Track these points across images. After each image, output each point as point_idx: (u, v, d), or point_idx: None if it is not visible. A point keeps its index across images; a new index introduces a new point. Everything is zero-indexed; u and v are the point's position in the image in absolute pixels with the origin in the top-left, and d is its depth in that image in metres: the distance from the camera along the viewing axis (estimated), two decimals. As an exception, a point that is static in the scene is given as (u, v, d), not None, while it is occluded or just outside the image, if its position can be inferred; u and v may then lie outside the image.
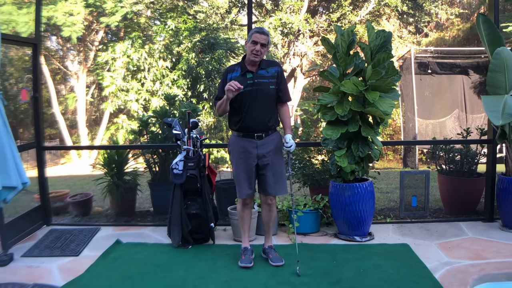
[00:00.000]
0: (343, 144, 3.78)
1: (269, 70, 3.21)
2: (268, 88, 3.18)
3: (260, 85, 3.16)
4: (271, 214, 3.35)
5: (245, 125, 3.19)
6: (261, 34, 3.10)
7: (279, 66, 3.29)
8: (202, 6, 13.50)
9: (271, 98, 3.21)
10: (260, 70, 3.19)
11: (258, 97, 3.15)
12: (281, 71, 3.27)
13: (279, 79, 3.23)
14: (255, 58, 3.12)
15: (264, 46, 3.11)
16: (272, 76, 3.20)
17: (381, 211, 4.86)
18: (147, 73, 10.41)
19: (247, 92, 3.12)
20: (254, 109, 3.15)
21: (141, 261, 3.40)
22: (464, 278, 2.90)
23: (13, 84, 13.63)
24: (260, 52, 3.11)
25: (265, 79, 3.17)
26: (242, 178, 3.24)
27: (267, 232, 3.43)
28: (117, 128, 10.98)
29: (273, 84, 3.19)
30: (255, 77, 3.16)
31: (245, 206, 3.34)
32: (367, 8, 13.02)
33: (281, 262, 3.22)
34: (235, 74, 3.19)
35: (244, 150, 3.22)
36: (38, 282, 3.02)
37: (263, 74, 3.18)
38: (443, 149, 4.88)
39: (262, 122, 3.19)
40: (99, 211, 5.34)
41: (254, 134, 3.19)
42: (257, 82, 3.16)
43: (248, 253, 3.30)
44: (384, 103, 3.57)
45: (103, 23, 12.24)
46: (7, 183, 3.13)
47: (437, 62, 10.96)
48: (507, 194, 3.84)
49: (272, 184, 3.23)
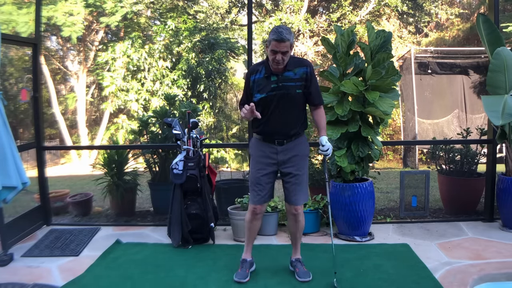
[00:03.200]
0: (343, 144, 3.78)
1: (296, 71, 2.85)
2: (294, 92, 2.85)
3: (285, 89, 2.83)
4: (298, 225, 3.06)
5: (266, 130, 2.93)
6: (280, 42, 2.69)
7: (309, 66, 2.89)
8: (202, 6, 13.51)
9: (298, 103, 2.90)
10: (286, 72, 2.84)
11: (283, 102, 2.85)
12: (311, 72, 2.88)
13: (308, 81, 2.87)
14: (278, 66, 2.79)
15: (286, 53, 2.74)
16: (300, 78, 2.85)
17: (381, 211, 4.86)
18: (147, 73, 10.41)
19: (270, 97, 2.84)
20: (277, 115, 2.87)
21: (141, 261, 3.40)
22: (464, 278, 2.90)
23: (13, 84, 13.62)
24: (282, 60, 2.75)
25: (291, 82, 2.84)
26: (254, 183, 2.98)
27: (294, 244, 3.16)
28: (117, 128, 10.99)
29: (300, 87, 2.86)
30: (280, 80, 2.84)
31: (253, 216, 3.02)
32: (367, 8, 13.02)
33: (309, 278, 2.97)
34: (258, 76, 2.89)
35: (263, 154, 2.96)
36: (38, 282, 3.02)
37: (290, 77, 2.85)
38: (443, 149, 4.88)
39: (285, 128, 2.91)
40: (99, 211, 5.34)
41: (275, 139, 2.93)
42: (281, 86, 2.83)
43: (246, 266, 3.08)
44: (384, 103, 3.57)
45: (103, 23, 12.23)
46: (7, 183, 3.13)
47: (437, 62, 10.96)
48: (507, 194, 3.84)
49: (294, 192, 2.96)
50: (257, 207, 3.00)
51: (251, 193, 3.02)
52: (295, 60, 2.89)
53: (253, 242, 3.20)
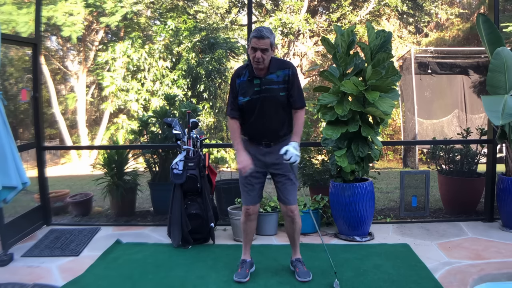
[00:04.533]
0: (343, 144, 3.78)
1: (279, 74, 2.81)
2: (278, 95, 2.81)
3: (268, 92, 2.80)
4: (294, 226, 3.02)
5: (252, 133, 2.93)
6: (259, 38, 2.69)
7: (291, 68, 2.85)
8: (202, 6, 13.51)
9: (283, 105, 2.85)
10: (269, 75, 2.81)
11: (267, 105, 2.82)
12: (293, 73, 2.83)
13: (290, 83, 2.82)
14: (258, 65, 2.76)
15: (265, 51, 2.72)
16: (283, 81, 2.81)
17: (381, 211, 4.86)
18: (147, 73, 10.41)
19: (254, 100, 2.81)
20: (262, 118, 2.84)
21: (141, 261, 3.40)
22: (464, 278, 2.90)
23: (13, 84, 13.63)
24: (263, 59, 2.73)
25: (274, 85, 2.81)
26: (243, 184, 2.98)
27: (293, 245, 3.14)
28: (117, 128, 10.99)
29: (283, 90, 2.82)
30: (263, 83, 2.81)
31: (247, 217, 3.04)
32: (367, 8, 13.03)
33: (308, 278, 2.96)
34: (242, 79, 2.86)
35: (252, 155, 2.92)
36: (38, 282, 3.02)
37: (273, 79, 2.81)
38: (443, 149, 4.88)
39: (272, 130, 2.89)
40: (99, 211, 5.34)
41: (262, 141, 2.91)
42: (265, 89, 2.81)
43: (245, 266, 3.07)
44: (384, 103, 3.57)
45: (103, 23, 12.24)
46: (7, 183, 3.13)
47: (437, 62, 10.96)
48: (507, 194, 3.84)
49: (286, 192, 2.94)
50: (250, 208, 3.01)
51: (242, 194, 3.03)
52: (278, 63, 2.86)
53: (250, 243, 3.19)
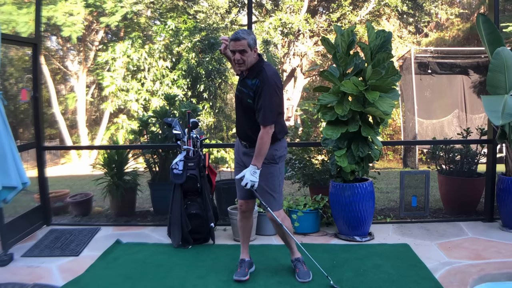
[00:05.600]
0: (343, 144, 3.78)
1: (252, 81, 2.78)
2: (245, 100, 2.82)
3: (241, 93, 2.86)
4: (279, 230, 3.02)
5: (236, 128, 3.03)
6: (235, 40, 2.70)
7: (261, 81, 2.72)
8: (202, 6, 13.51)
9: (251, 113, 2.80)
10: (246, 79, 2.84)
11: (238, 106, 2.92)
12: (262, 86, 2.71)
13: (257, 94, 2.73)
14: (239, 67, 2.78)
15: (243, 52, 2.71)
16: (251, 89, 2.78)
17: (381, 211, 4.86)
18: (147, 73, 10.41)
19: (235, 97, 2.94)
20: (238, 117, 2.96)
21: (141, 261, 3.40)
22: (464, 278, 2.90)
23: (13, 84, 13.63)
24: (242, 60, 2.73)
25: (245, 89, 2.82)
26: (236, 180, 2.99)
27: (287, 246, 3.14)
28: (117, 128, 10.99)
29: (251, 98, 2.78)
30: (241, 84, 2.88)
31: (241, 213, 3.08)
32: (367, 8, 13.03)
33: (308, 278, 2.95)
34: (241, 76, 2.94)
35: (236, 151, 3.09)
36: (38, 282, 3.02)
37: (247, 84, 2.82)
38: (443, 149, 4.88)
39: (245, 133, 2.92)
40: (99, 211, 5.34)
41: (242, 141, 2.99)
42: (239, 90, 2.88)
43: (244, 265, 3.06)
44: (384, 103, 3.57)
45: (103, 23, 12.24)
46: (7, 183, 3.13)
47: (437, 62, 10.96)
48: (507, 194, 3.84)
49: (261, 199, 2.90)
50: (242, 203, 3.04)
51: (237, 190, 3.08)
52: (258, 71, 2.78)
53: (248, 242, 3.19)
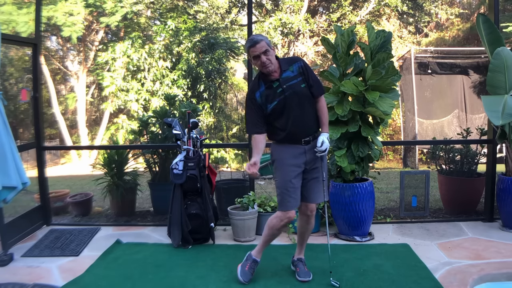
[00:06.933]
0: (343, 144, 3.78)
1: (292, 68, 2.83)
2: (300, 88, 2.81)
3: (290, 88, 2.80)
4: (309, 227, 3.00)
5: (289, 134, 2.84)
6: (254, 46, 2.73)
7: (300, 60, 2.90)
8: (202, 6, 13.51)
9: (308, 98, 2.85)
10: (284, 74, 2.82)
11: (294, 102, 2.80)
12: (305, 65, 2.88)
13: (305, 74, 2.84)
14: (269, 68, 2.77)
15: (267, 52, 2.74)
16: (298, 74, 2.83)
17: (381, 211, 4.86)
18: (147, 73, 10.41)
19: (281, 101, 2.79)
20: (295, 116, 2.80)
21: (141, 261, 3.40)
22: (464, 278, 2.90)
23: (13, 84, 13.63)
24: (269, 61, 2.75)
25: (293, 80, 2.81)
26: (286, 188, 2.83)
27: (301, 244, 3.09)
28: (117, 128, 11.00)
29: (303, 81, 2.83)
30: (282, 83, 2.80)
31: (285, 223, 2.88)
32: (367, 8, 13.04)
33: (309, 278, 2.96)
34: (262, 90, 2.82)
35: (292, 156, 2.85)
36: (38, 282, 3.02)
37: (289, 76, 2.82)
38: (443, 149, 4.88)
39: (307, 127, 2.86)
40: (99, 211, 5.34)
41: (301, 139, 2.85)
42: (286, 87, 2.79)
43: (254, 267, 3.03)
44: (384, 103, 3.57)
45: (103, 23, 12.24)
46: (7, 183, 3.13)
47: (437, 62, 10.97)
48: (507, 194, 3.84)
49: (317, 189, 2.90)
50: (293, 213, 2.86)
51: (284, 198, 2.85)
52: (287, 60, 2.89)
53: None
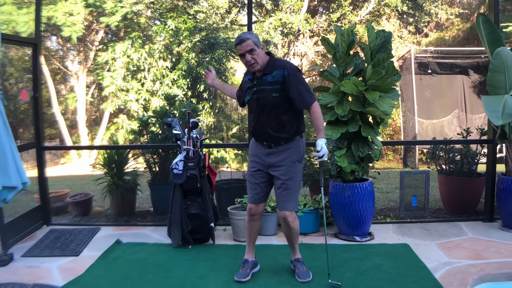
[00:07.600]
0: (343, 144, 3.78)
1: (274, 74, 2.77)
2: (270, 96, 2.76)
3: (261, 92, 2.79)
4: (290, 231, 2.97)
5: (254, 132, 2.93)
6: (240, 44, 2.72)
7: (287, 69, 2.76)
8: (202, 6, 13.50)
9: (278, 107, 2.78)
10: (264, 76, 2.79)
11: (261, 106, 2.81)
12: (289, 74, 2.74)
13: (287, 84, 2.73)
14: (254, 68, 2.77)
15: (252, 51, 2.72)
16: (276, 82, 2.75)
17: (381, 211, 4.86)
18: (147, 73, 10.41)
19: (252, 100, 2.85)
20: (260, 118, 2.84)
21: (141, 261, 3.40)
22: (464, 278, 2.90)
23: (13, 84, 13.63)
24: (254, 60, 2.74)
25: (268, 86, 2.77)
26: (248, 182, 3.00)
27: (290, 246, 3.11)
28: (117, 128, 10.99)
29: (277, 91, 2.75)
30: (258, 83, 2.81)
31: (249, 216, 3.02)
32: (367, 8, 13.04)
33: (308, 278, 2.95)
34: (246, 79, 2.93)
35: (255, 154, 2.97)
36: (38, 282, 3.02)
37: (267, 80, 2.78)
38: (443, 149, 4.88)
39: (271, 132, 2.84)
40: (99, 211, 5.34)
41: (264, 142, 2.90)
42: (259, 90, 2.80)
43: (247, 266, 3.06)
44: (384, 103, 3.57)
45: (103, 23, 12.23)
46: (7, 183, 3.13)
47: (437, 62, 10.96)
48: (507, 194, 3.84)
49: (280, 198, 2.89)
50: (252, 207, 3.00)
51: (247, 192, 3.04)
52: (276, 63, 2.81)
53: (254, 243, 3.18)
